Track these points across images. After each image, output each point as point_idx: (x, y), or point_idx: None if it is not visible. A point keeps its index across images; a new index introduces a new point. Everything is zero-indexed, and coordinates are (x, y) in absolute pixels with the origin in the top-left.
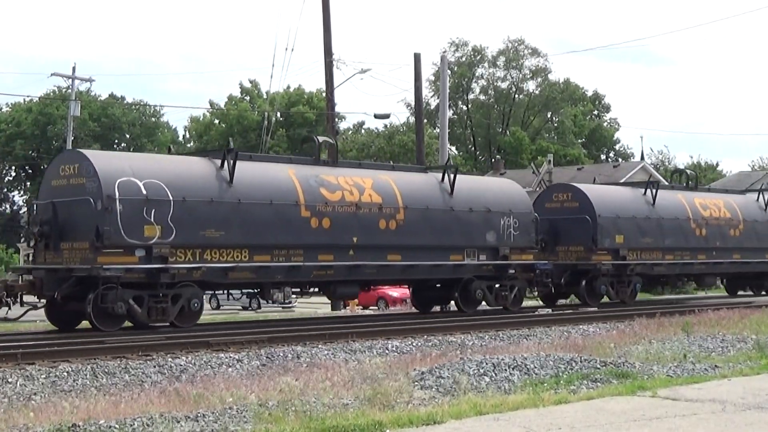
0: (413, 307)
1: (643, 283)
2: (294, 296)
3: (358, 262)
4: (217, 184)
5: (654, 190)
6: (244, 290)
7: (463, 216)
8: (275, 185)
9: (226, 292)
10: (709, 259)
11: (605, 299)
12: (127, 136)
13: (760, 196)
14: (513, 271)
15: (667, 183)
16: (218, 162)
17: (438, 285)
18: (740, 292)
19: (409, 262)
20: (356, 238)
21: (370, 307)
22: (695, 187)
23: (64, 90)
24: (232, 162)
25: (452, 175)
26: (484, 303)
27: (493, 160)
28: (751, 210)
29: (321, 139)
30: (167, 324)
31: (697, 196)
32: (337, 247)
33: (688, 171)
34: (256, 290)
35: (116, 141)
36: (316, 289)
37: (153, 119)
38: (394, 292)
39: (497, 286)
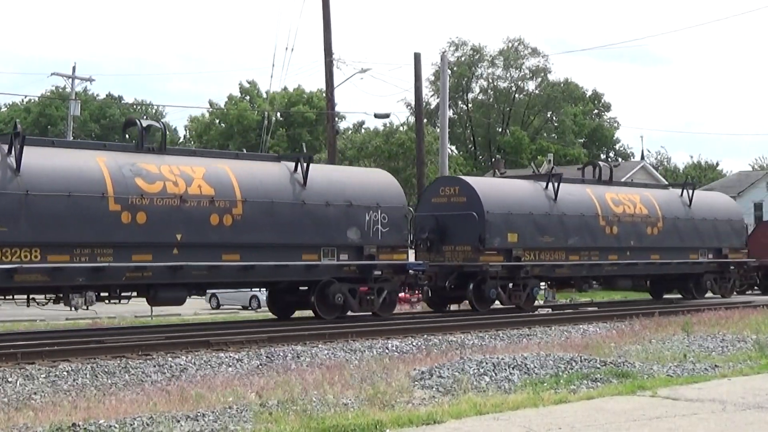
0: (271, 313)
1: (552, 285)
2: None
3: (182, 262)
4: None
5: (556, 184)
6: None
7: (318, 210)
8: (76, 174)
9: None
10: (622, 259)
11: (498, 304)
12: (127, 136)
13: (684, 191)
14: (380, 273)
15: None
16: (5, 148)
17: (304, 288)
18: (666, 296)
19: (248, 263)
20: (180, 236)
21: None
22: (610, 180)
23: (62, 89)
24: (19, 147)
25: (305, 165)
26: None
27: (493, 159)
28: (673, 206)
29: (146, 123)
30: None
31: (609, 191)
32: (155, 245)
33: (602, 162)
34: (55, 295)
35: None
36: (134, 294)
37: (156, 120)
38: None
39: (362, 288)
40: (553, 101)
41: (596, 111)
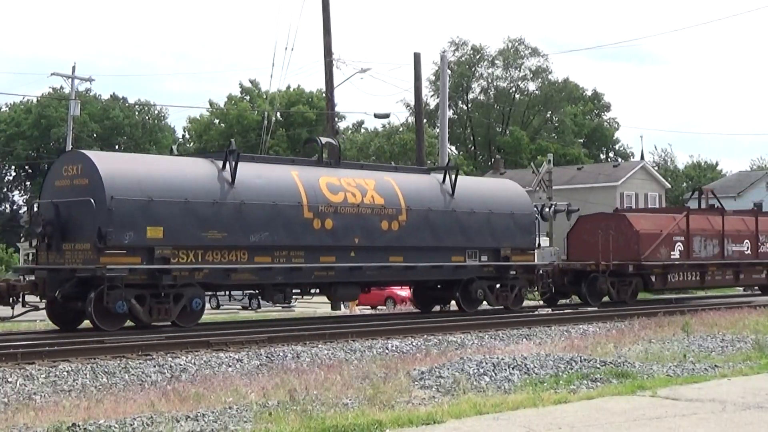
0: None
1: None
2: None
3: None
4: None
5: (233, 163)
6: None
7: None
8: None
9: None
10: (342, 262)
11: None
12: (125, 138)
13: (447, 177)
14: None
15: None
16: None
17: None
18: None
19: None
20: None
21: (378, 307)
22: (336, 161)
23: (59, 89)
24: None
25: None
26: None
27: (492, 159)
28: (425, 195)
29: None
30: None
31: (327, 174)
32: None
33: (323, 138)
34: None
35: (117, 143)
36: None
37: (156, 121)
38: (403, 291)
39: (498, 286)
40: (552, 101)
41: (596, 111)
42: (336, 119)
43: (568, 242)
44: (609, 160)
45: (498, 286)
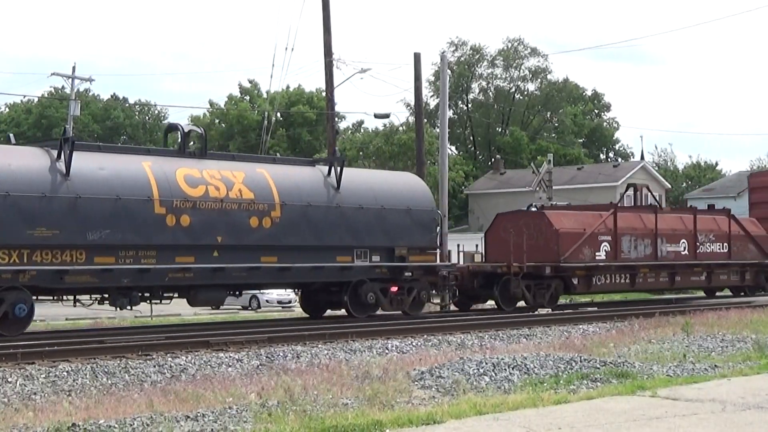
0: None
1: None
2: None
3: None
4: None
5: (68, 152)
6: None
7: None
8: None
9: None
10: (203, 263)
11: None
12: (125, 138)
13: (332, 170)
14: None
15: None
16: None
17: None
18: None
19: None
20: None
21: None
22: (202, 152)
23: (60, 89)
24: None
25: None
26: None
27: (492, 160)
28: (304, 189)
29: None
30: None
31: (186, 165)
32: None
33: (187, 125)
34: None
35: (118, 143)
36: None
37: (157, 121)
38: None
39: (395, 289)
40: (552, 101)
41: (596, 111)
42: (336, 119)
43: (486, 242)
44: (609, 160)
45: (396, 288)
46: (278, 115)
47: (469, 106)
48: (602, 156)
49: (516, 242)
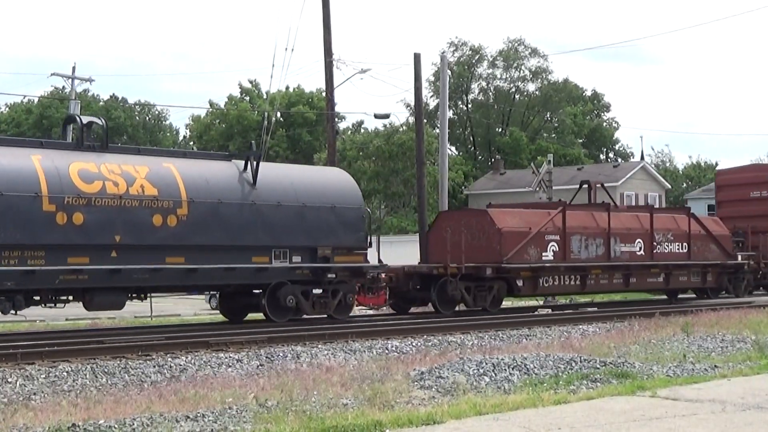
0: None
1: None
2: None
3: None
4: None
5: None
6: None
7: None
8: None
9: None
10: (99, 263)
11: None
12: (125, 138)
13: (248, 164)
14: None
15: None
16: None
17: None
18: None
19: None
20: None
21: (383, 307)
22: (104, 146)
23: (61, 90)
24: None
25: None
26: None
27: (492, 160)
28: (216, 186)
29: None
30: None
31: (82, 159)
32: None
33: (86, 117)
34: None
35: (118, 143)
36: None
37: (157, 122)
38: None
39: (320, 291)
40: (552, 101)
41: (595, 111)
42: (336, 119)
43: (428, 242)
44: (609, 160)
45: (320, 291)
46: (278, 115)
47: (469, 106)
48: (602, 156)
49: (455, 241)
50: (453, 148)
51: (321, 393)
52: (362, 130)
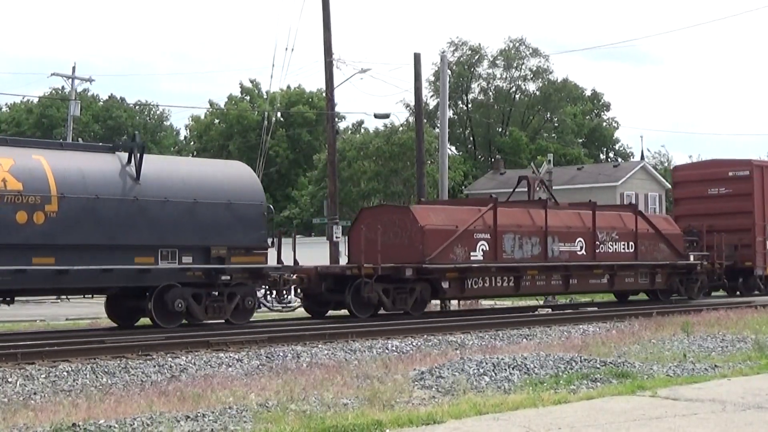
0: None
1: None
2: None
3: None
4: None
5: None
6: None
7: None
8: None
9: None
10: None
11: None
12: (126, 138)
13: (132, 157)
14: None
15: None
16: None
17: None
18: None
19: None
20: None
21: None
22: None
23: (60, 90)
24: None
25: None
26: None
27: (492, 160)
28: (92, 180)
29: None
30: None
31: None
32: None
33: None
34: None
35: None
36: None
37: (159, 122)
38: None
39: (216, 294)
40: (552, 101)
41: (595, 111)
42: (336, 119)
43: (349, 241)
44: (609, 160)
45: (215, 294)
46: (278, 115)
47: (469, 106)
48: (602, 156)
49: (374, 240)
50: (453, 148)
51: (321, 393)
52: (362, 130)
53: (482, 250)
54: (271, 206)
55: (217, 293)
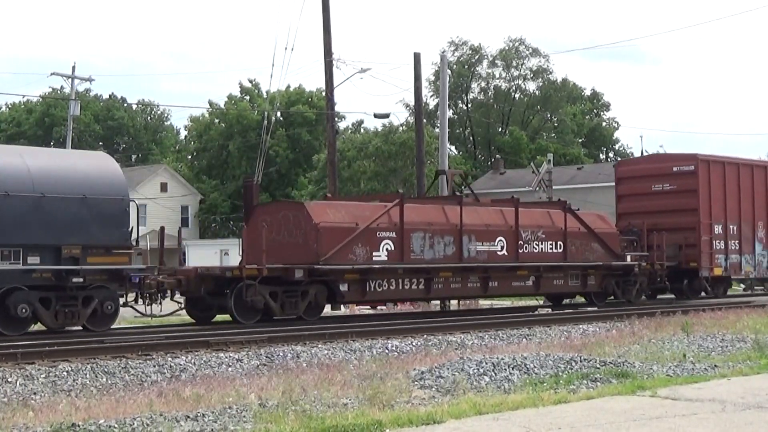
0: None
1: None
2: None
3: None
4: None
5: None
6: None
7: None
8: None
9: None
10: None
11: None
12: (127, 138)
13: None
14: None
15: None
16: None
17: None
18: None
19: None
20: None
21: (378, 307)
22: None
23: (59, 90)
24: None
25: None
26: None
27: (492, 159)
28: None
29: None
30: None
31: None
32: None
33: None
34: None
35: (120, 143)
36: None
37: (159, 122)
38: None
39: (65, 298)
40: (551, 101)
41: (595, 111)
42: (336, 119)
43: (244, 240)
44: (609, 159)
45: (68, 298)
46: (278, 114)
47: (469, 106)
48: (602, 156)
49: (255, 238)
50: (453, 148)
51: (321, 392)
52: (362, 130)
53: (386, 249)
54: (135, 201)
55: (70, 297)
